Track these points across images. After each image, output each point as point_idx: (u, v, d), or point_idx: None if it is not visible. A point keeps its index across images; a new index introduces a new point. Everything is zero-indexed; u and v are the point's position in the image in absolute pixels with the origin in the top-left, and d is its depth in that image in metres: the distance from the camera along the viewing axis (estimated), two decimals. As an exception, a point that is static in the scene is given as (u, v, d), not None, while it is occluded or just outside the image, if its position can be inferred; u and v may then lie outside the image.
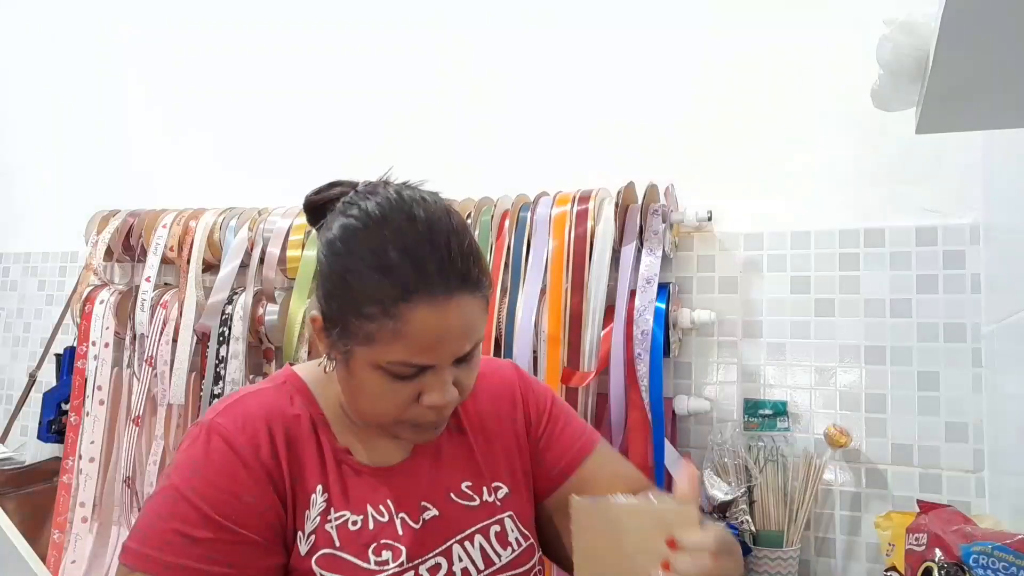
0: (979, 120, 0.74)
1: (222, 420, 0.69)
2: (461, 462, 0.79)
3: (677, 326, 1.39)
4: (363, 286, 0.66)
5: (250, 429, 0.69)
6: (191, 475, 0.66)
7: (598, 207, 1.40)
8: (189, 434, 0.70)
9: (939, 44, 0.55)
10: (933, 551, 0.91)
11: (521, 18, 1.68)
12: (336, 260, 0.69)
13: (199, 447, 0.68)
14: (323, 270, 0.70)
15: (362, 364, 0.68)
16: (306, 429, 0.72)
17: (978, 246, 1.27)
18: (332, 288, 0.69)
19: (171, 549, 0.63)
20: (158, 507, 0.66)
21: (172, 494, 0.66)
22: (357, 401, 0.72)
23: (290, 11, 1.93)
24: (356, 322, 0.66)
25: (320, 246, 0.72)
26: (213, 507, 0.64)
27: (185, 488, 0.65)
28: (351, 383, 0.70)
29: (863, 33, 1.02)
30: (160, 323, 1.67)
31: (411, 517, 0.72)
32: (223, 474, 0.66)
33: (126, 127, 2.12)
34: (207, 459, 0.67)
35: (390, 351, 0.66)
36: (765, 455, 1.30)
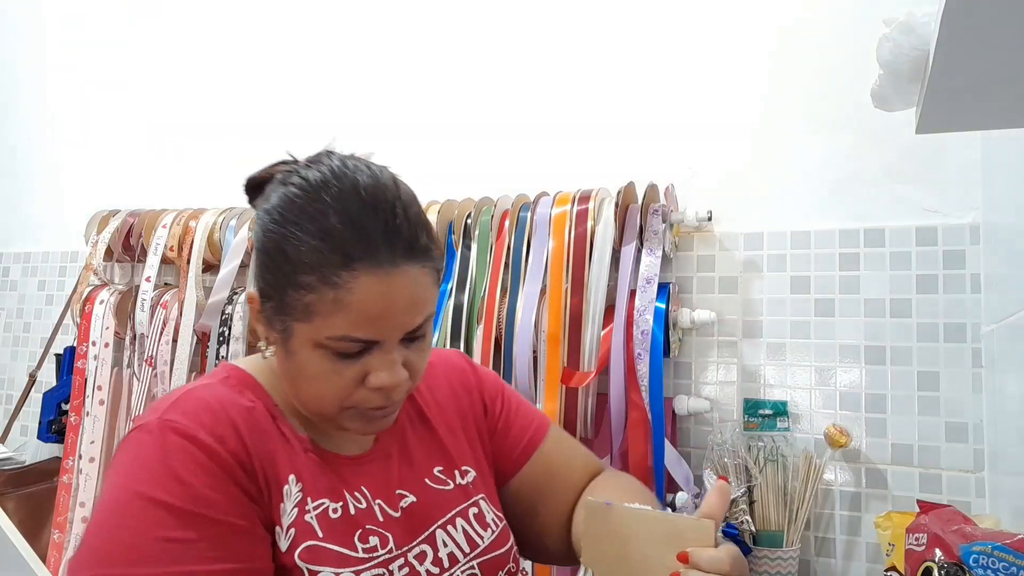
0: (979, 120, 0.74)
1: (174, 416, 0.61)
2: (429, 448, 0.77)
3: (677, 326, 1.39)
4: (301, 254, 0.61)
5: (208, 421, 0.61)
6: (152, 477, 0.58)
7: (598, 207, 1.40)
8: (131, 440, 0.61)
9: (939, 44, 0.55)
10: (933, 551, 0.91)
11: (521, 18, 1.68)
12: (272, 230, 0.63)
13: (152, 448, 0.59)
14: (258, 244, 0.65)
15: (302, 343, 0.63)
16: (265, 419, 0.66)
17: (978, 246, 1.27)
18: (268, 260, 0.64)
19: (163, 559, 0.55)
20: (122, 519, 0.57)
21: (136, 501, 0.57)
22: (299, 388, 0.66)
23: (290, 12, 1.93)
24: (294, 294, 0.61)
25: (256, 219, 0.67)
26: (192, 503, 0.57)
27: (151, 491, 0.57)
28: (291, 367, 0.65)
29: (863, 33, 1.02)
30: (160, 323, 1.67)
31: (389, 505, 0.69)
32: (190, 470, 0.58)
33: (126, 127, 2.12)
34: (167, 457, 0.58)
35: (331, 324, 0.61)
36: (765, 455, 1.30)
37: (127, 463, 0.60)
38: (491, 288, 1.41)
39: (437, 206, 1.52)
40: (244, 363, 0.72)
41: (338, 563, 0.62)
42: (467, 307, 1.42)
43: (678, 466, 1.31)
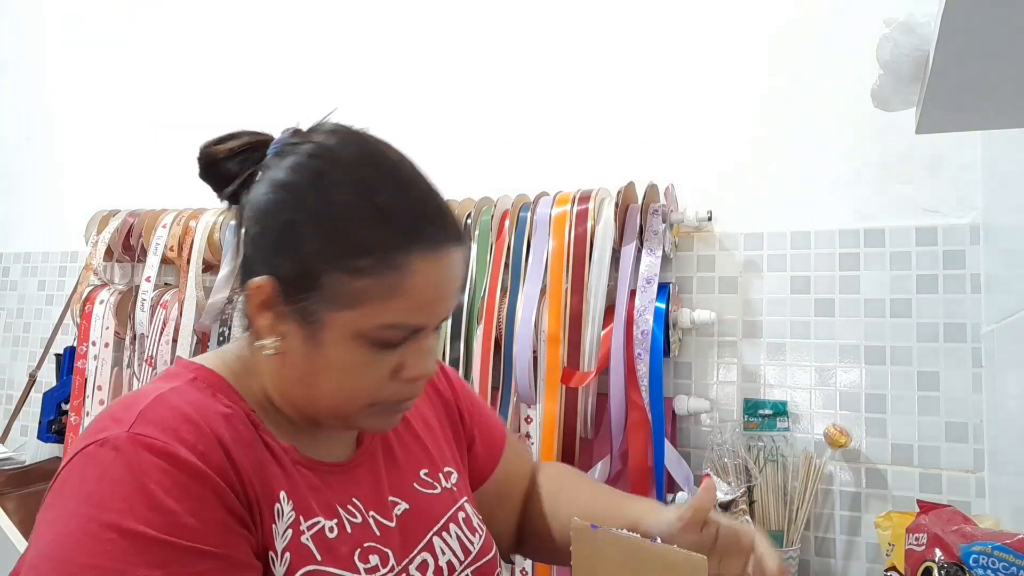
0: (979, 120, 0.74)
1: (145, 430, 0.51)
2: (413, 451, 0.72)
3: (677, 326, 1.39)
4: (353, 234, 0.55)
5: (188, 435, 0.52)
6: (125, 503, 0.48)
7: (598, 207, 1.40)
8: (91, 458, 0.50)
9: (939, 44, 0.55)
10: (933, 551, 0.91)
11: (521, 17, 1.68)
12: (307, 206, 0.55)
13: (122, 468, 0.49)
14: (274, 221, 0.57)
15: (339, 334, 0.56)
16: (246, 427, 0.57)
17: (978, 246, 1.27)
18: (298, 241, 0.55)
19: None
20: (87, 554, 0.47)
21: (105, 532, 0.47)
22: (318, 386, 0.59)
23: (292, 13, 1.93)
24: (340, 278, 0.55)
25: (260, 194, 0.58)
26: (174, 532, 0.48)
27: (123, 520, 0.47)
28: (311, 362, 0.57)
29: (863, 33, 1.02)
30: (160, 323, 1.67)
31: (382, 515, 0.64)
32: (172, 494, 0.49)
33: (126, 127, 2.12)
34: (142, 479, 0.49)
35: (382, 311, 0.55)
36: (765, 455, 1.30)
37: (90, 486, 0.49)
38: (491, 288, 1.41)
39: (437, 206, 1.52)
40: (207, 360, 0.63)
41: None
42: (467, 307, 1.42)
43: (678, 466, 1.31)
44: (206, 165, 0.61)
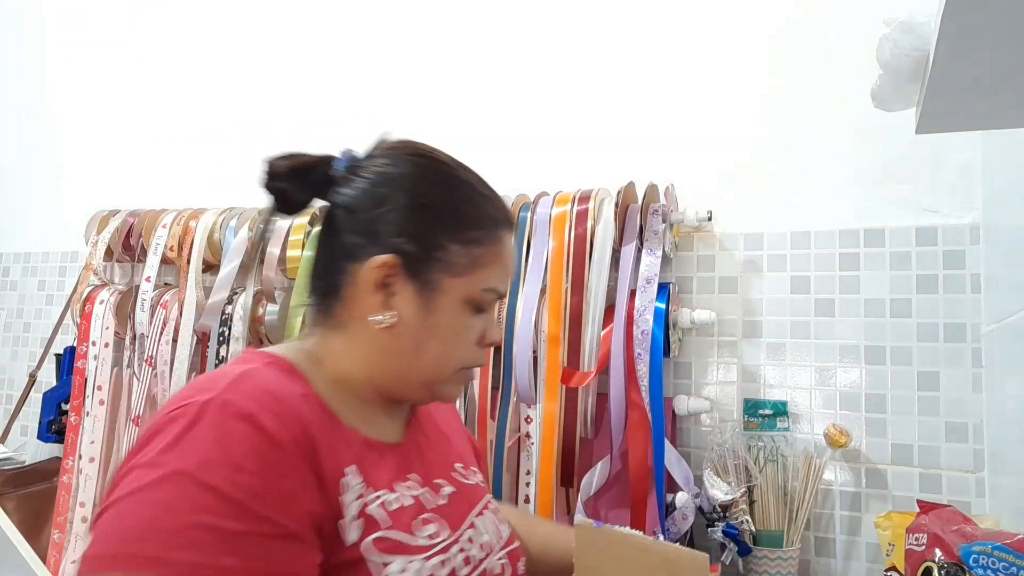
0: (979, 120, 0.74)
1: (232, 396, 0.56)
2: (445, 446, 0.80)
3: (677, 326, 1.39)
4: (472, 211, 0.69)
5: (271, 406, 0.57)
6: (206, 459, 0.53)
7: (598, 207, 1.40)
8: (181, 416, 0.55)
9: (939, 44, 0.55)
10: (933, 551, 0.91)
11: (521, 17, 1.68)
12: (431, 191, 0.68)
13: (208, 428, 0.54)
14: (403, 204, 0.67)
15: (452, 298, 0.68)
16: (319, 407, 0.63)
17: (978, 246, 1.27)
18: (429, 218, 0.68)
19: (205, 547, 0.50)
20: (165, 499, 0.51)
21: (184, 481, 0.52)
22: (423, 351, 0.68)
23: (293, 14, 1.93)
24: (458, 248, 0.68)
25: (363, 191, 0.68)
26: (246, 494, 0.52)
27: (202, 474, 0.52)
28: (422, 331, 0.67)
29: (863, 33, 1.02)
30: (160, 323, 1.67)
31: (434, 492, 0.70)
32: (251, 456, 0.54)
33: (126, 127, 2.12)
34: (225, 441, 0.54)
35: (487, 276, 0.69)
36: (765, 455, 1.30)
37: (176, 440, 0.54)
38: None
39: (437, 206, 1.52)
40: (278, 350, 0.69)
41: (406, 552, 0.62)
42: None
43: (678, 466, 1.31)
44: (270, 177, 0.69)
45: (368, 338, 0.68)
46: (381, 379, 0.69)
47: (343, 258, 0.68)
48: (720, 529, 1.23)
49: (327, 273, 0.70)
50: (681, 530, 1.26)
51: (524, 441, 1.35)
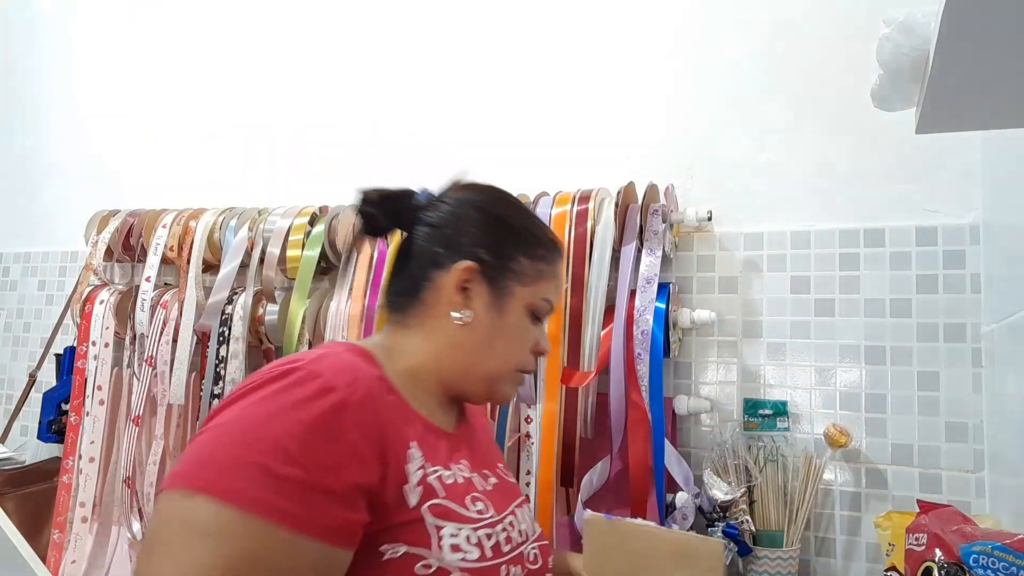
0: (979, 120, 0.74)
1: (316, 368, 0.65)
2: (488, 446, 0.90)
3: (677, 326, 1.39)
4: (538, 233, 0.84)
5: (346, 380, 0.65)
6: (278, 413, 0.61)
7: (598, 207, 1.40)
8: (271, 373, 0.65)
9: (939, 44, 0.55)
10: (933, 551, 0.91)
11: (521, 17, 1.68)
12: (505, 212, 0.84)
13: (295, 386, 0.63)
14: (482, 221, 0.81)
15: (518, 303, 0.80)
16: (390, 390, 0.72)
17: (978, 246, 1.27)
18: (504, 234, 0.82)
19: (254, 482, 0.57)
20: (233, 438, 0.60)
21: (252, 427, 0.60)
22: (492, 347, 0.80)
23: (293, 14, 1.93)
24: (528, 262, 0.81)
25: (447, 212, 0.82)
26: (308, 449, 0.60)
27: (271, 424, 0.60)
28: (492, 330, 0.79)
29: (863, 33, 1.02)
30: (160, 323, 1.67)
31: (482, 479, 0.78)
32: (320, 421, 0.61)
33: (126, 127, 2.12)
34: (302, 402, 0.62)
35: (546, 288, 0.83)
36: (765, 455, 1.30)
37: (258, 397, 0.63)
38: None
39: (437, 206, 1.52)
40: (356, 342, 0.80)
41: (458, 520, 0.69)
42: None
43: (678, 466, 1.31)
44: (363, 203, 0.82)
45: (444, 334, 0.79)
46: (449, 372, 0.79)
47: (428, 266, 0.80)
48: (720, 529, 1.23)
49: (410, 279, 0.81)
50: (681, 530, 1.26)
51: (524, 441, 1.35)
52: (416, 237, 0.82)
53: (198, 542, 0.55)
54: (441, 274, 0.79)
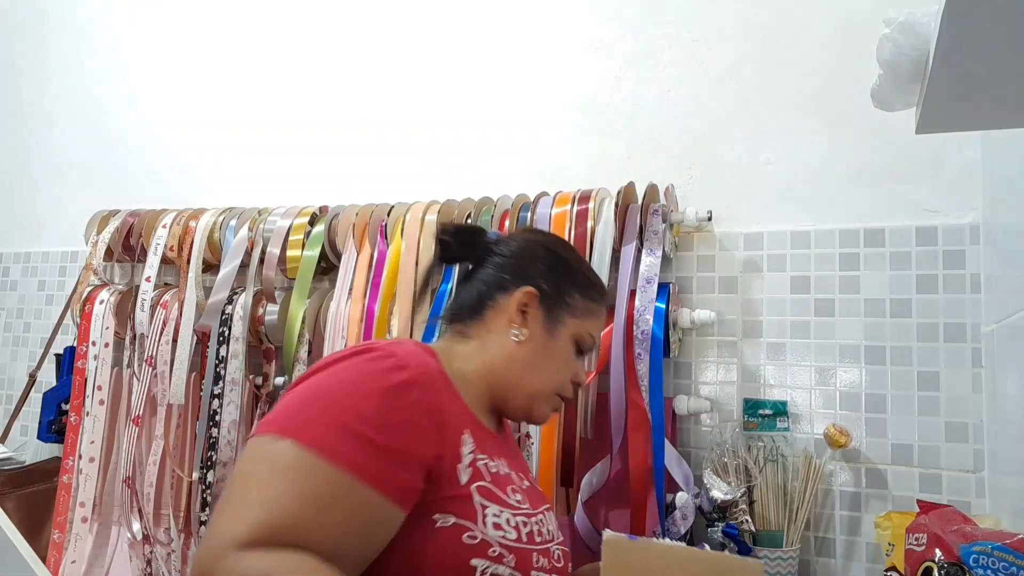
0: (979, 120, 0.74)
1: (393, 349, 0.75)
2: (520, 456, 0.97)
3: (677, 326, 1.39)
4: (588, 276, 0.97)
5: (416, 365, 0.74)
6: (358, 379, 0.71)
7: (598, 207, 1.40)
8: (352, 350, 0.76)
9: (939, 44, 0.55)
10: (933, 551, 0.91)
11: (520, 18, 1.68)
12: (566, 255, 0.97)
13: (373, 361, 0.73)
14: (546, 258, 0.94)
15: (567, 332, 0.91)
16: (448, 381, 0.80)
17: (978, 246, 1.27)
18: (564, 271, 0.94)
19: (335, 434, 0.67)
20: (318, 394, 0.71)
21: (334, 387, 0.71)
22: (539, 367, 0.90)
23: (291, 14, 1.93)
24: (580, 298, 0.93)
25: (517, 248, 0.95)
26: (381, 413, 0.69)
27: (351, 387, 0.70)
28: (542, 351, 0.90)
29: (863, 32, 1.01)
30: (160, 323, 1.67)
31: (518, 479, 0.84)
32: (392, 392, 0.70)
33: (127, 127, 2.12)
34: (379, 373, 0.72)
35: (591, 324, 0.94)
36: (765, 455, 1.30)
37: (341, 366, 0.74)
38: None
39: (437, 206, 1.52)
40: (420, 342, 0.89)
41: (500, 503, 0.77)
42: (467, 307, 1.42)
43: (678, 466, 1.31)
44: (441, 232, 0.95)
45: (499, 348, 0.89)
46: (498, 382, 0.89)
47: (494, 289, 0.92)
48: (720, 529, 1.23)
49: (476, 298, 0.93)
50: (681, 530, 1.26)
51: (524, 441, 1.35)
52: (484, 265, 0.94)
53: (280, 476, 0.64)
54: (504, 296, 0.91)
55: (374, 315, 1.48)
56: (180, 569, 1.59)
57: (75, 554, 1.65)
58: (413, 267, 1.48)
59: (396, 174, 1.75)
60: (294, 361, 1.55)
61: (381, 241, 1.55)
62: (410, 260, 1.49)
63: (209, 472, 1.54)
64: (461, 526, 0.72)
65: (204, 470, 1.55)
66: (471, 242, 0.97)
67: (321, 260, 1.61)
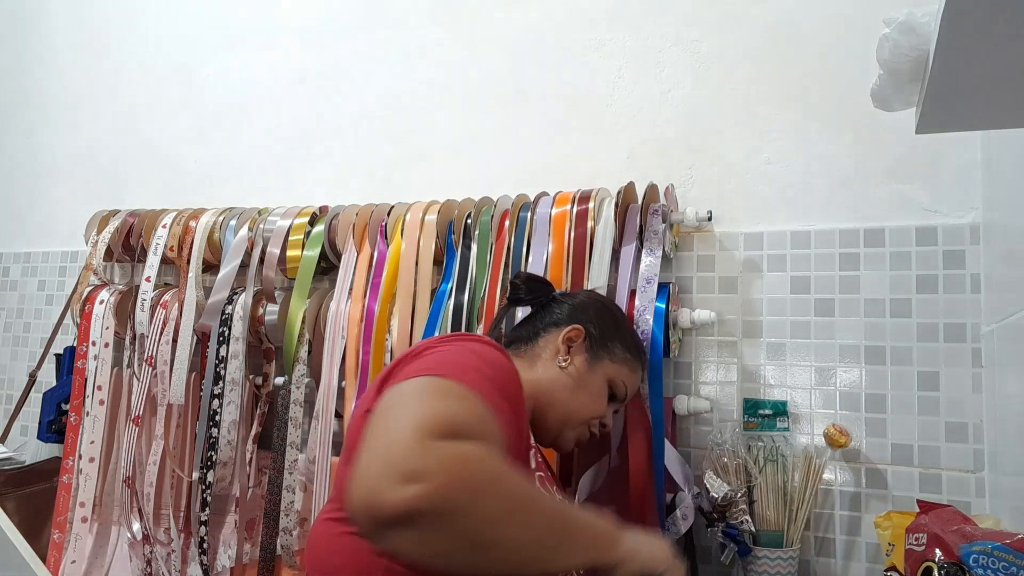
0: (979, 120, 0.74)
1: (498, 345, 0.87)
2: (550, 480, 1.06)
3: (677, 326, 1.39)
4: (633, 338, 1.15)
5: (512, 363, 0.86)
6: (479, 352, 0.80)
7: (598, 207, 1.40)
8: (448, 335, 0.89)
9: (939, 44, 0.55)
10: (933, 551, 0.91)
11: (519, 18, 1.68)
12: (617, 314, 1.16)
13: (476, 341, 0.84)
14: (601, 311, 1.12)
15: (604, 372, 1.06)
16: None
17: (978, 246, 1.27)
18: (612, 324, 1.10)
19: (481, 379, 0.73)
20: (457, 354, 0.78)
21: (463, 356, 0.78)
22: (576, 395, 1.03)
23: (292, 13, 1.93)
24: (621, 349, 1.09)
25: (580, 302, 1.13)
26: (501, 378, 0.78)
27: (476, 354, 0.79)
28: (582, 381, 1.04)
29: (863, 33, 1.02)
30: (160, 323, 1.67)
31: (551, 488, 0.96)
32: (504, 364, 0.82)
33: (127, 127, 2.12)
34: (491, 350, 0.83)
35: (629, 377, 1.10)
36: (765, 455, 1.30)
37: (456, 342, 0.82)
38: (491, 288, 1.41)
39: (437, 206, 1.52)
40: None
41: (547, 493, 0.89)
42: (467, 307, 1.42)
43: (678, 466, 1.31)
44: (515, 278, 1.17)
45: (544, 371, 1.04)
46: (537, 399, 1.00)
47: (550, 325, 1.09)
48: (720, 529, 1.23)
49: (532, 330, 1.09)
50: (681, 530, 1.26)
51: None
52: (549, 307, 1.11)
53: (442, 394, 0.68)
54: (556, 330, 1.07)
55: (374, 315, 1.48)
56: (180, 569, 1.59)
57: (75, 554, 1.65)
58: (413, 267, 1.48)
59: (396, 174, 1.75)
60: (294, 361, 1.55)
61: (381, 241, 1.55)
62: (410, 260, 1.49)
63: (209, 472, 1.54)
64: None
65: (204, 470, 1.55)
66: (538, 290, 1.14)
67: (321, 260, 1.61)
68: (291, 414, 1.55)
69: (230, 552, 1.57)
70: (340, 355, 1.48)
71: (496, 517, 0.60)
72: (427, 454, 0.58)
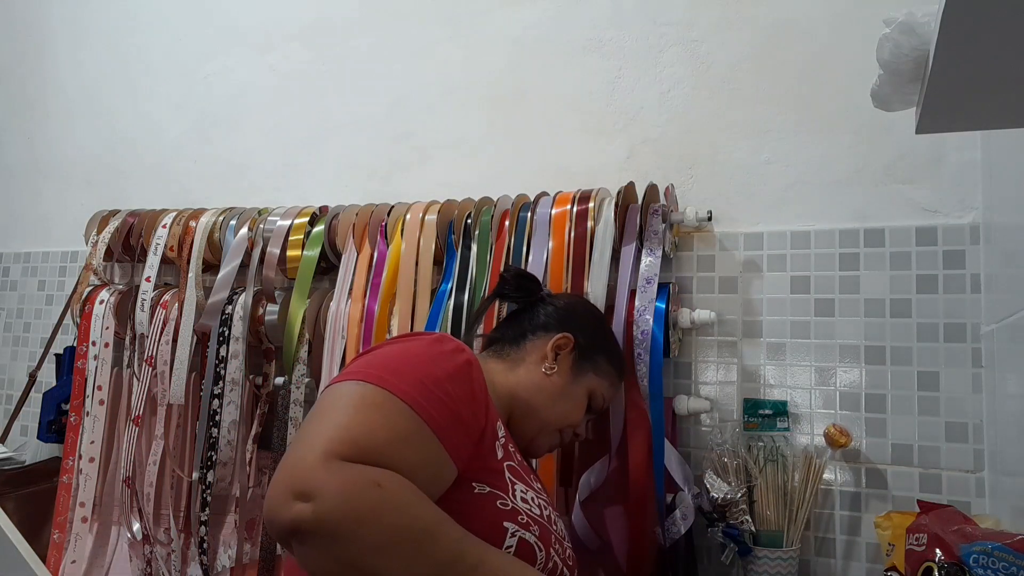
0: (979, 120, 0.74)
1: (455, 339, 0.85)
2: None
3: (677, 326, 1.39)
4: (618, 352, 1.16)
5: (473, 354, 0.84)
6: (437, 355, 0.79)
7: (598, 207, 1.40)
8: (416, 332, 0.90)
9: (939, 44, 0.55)
10: (933, 551, 0.91)
11: (520, 17, 1.68)
12: (601, 323, 1.17)
13: (439, 342, 0.82)
14: (591, 320, 1.12)
15: (585, 382, 1.05)
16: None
17: (978, 246, 1.27)
18: (600, 336, 1.12)
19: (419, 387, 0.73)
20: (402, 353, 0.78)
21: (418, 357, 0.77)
22: (555, 401, 1.01)
23: (292, 13, 1.93)
24: (606, 362, 1.09)
25: (565, 305, 1.11)
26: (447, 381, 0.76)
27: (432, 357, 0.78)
28: (563, 388, 1.02)
29: (863, 33, 1.02)
30: (160, 323, 1.67)
31: (532, 479, 0.90)
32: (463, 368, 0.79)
33: (127, 127, 2.12)
34: (452, 353, 0.80)
35: (608, 388, 1.10)
36: (765, 455, 1.30)
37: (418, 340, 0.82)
38: (491, 288, 1.41)
39: (437, 206, 1.52)
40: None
41: (525, 484, 0.85)
42: (467, 307, 1.42)
43: (678, 466, 1.31)
44: (505, 271, 1.14)
45: (528, 375, 1.01)
46: (518, 403, 0.99)
47: (538, 328, 1.06)
48: (720, 529, 1.23)
49: (519, 331, 1.06)
50: (681, 530, 1.26)
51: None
52: (536, 308, 1.08)
53: (367, 410, 0.69)
54: (545, 335, 1.04)
55: (374, 315, 1.48)
56: (180, 569, 1.59)
57: (75, 554, 1.65)
58: (413, 267, 1.48)
59: (396, 174, 1.75)
60: (294, 361, 1.55)
61: (381, 241, 1.55)
62: (410, 260, 1.49)
63: (209, 472, 1.54)
64: (495, 494, 0.79)
65: (204, 470, 1.55)
66: (526, 288, 1.11)
67: (321, 260, 1.61)
68: (291, 414, 1.55)
69: (230, 552, 1.57)
70: (340, 355, 1.48)
71: (380, 547, 0.62)
72: (326, 476, 0.62)
